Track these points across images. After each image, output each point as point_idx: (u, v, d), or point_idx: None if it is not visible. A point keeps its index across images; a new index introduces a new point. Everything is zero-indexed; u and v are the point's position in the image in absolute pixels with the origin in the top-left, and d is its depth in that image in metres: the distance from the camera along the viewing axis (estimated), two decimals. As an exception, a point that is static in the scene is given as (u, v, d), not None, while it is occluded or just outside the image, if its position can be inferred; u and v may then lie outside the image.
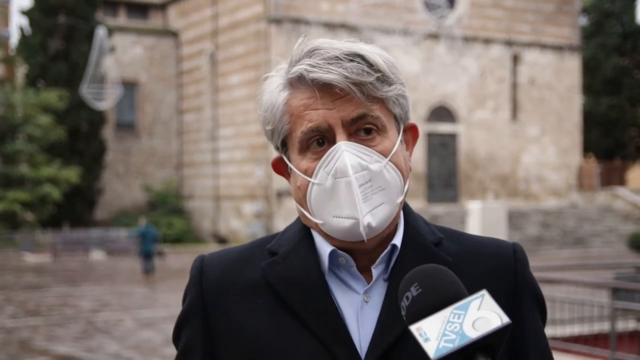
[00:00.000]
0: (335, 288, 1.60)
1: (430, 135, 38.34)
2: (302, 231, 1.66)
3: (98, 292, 21.07)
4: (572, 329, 11.03)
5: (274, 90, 1.63)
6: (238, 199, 38.19)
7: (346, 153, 1.53)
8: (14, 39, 44.23)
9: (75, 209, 38.86)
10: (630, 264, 16.52)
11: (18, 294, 20.97)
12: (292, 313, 1.58)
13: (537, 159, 41.31)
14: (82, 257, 32.92)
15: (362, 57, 1.55)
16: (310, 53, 1.58)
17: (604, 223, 37.30)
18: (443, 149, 38.86)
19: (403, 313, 1.34)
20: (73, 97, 37.04)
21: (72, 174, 35.79)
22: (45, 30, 39.14)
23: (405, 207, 1.68)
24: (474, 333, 1.23)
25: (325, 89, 1.55)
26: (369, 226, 1.53)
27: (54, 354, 12.73)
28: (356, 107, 1.55)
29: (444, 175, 38.92)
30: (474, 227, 20.05)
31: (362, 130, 1.56)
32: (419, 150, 37.71)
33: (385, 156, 1.56)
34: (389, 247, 1.61)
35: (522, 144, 41.01)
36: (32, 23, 39.62)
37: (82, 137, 39.11)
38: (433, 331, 1.25)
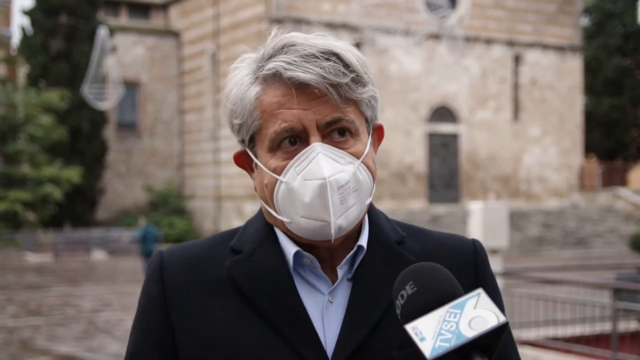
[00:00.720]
0: (300, 288, 1.58)
1: (432, 136, 38.34)
2: (266, 228, 1.64)
3: (99, 292, 21.08)
4: (574, 330, 11.02)
5: (244, 82, 1.60)
6: (239, 199, 38.19)
7: (321, 155, 1.50)
8: (16, 39, 44.20)
9: (76, 209, 38.87)
10: (632, 265, 16.52)
11: (19, 293, 20.97)
12: (258, 312, 1.55)
13: (538, 160, 41.28)
14: (84, 257, 32.94)
15: (337, 56, 1.52)
16: (286, 48, 1.55)
17: (605, 223, 37.28)
18: (444, 149, 38.84)
19: (398, 312, 1.33)
20: (74, 97, 37.04)
21: (73, 174, 35.80)
22: (46, 30, 39.16)
23: (369, 206, 1.65)
24: (470, 332, 1.21)
25: (301, 88, 1.51)
26: (339, 228, 1.51)
27: (55, 354, 12.73)
28: (332, 110, 1.52)
29: (445, 175, 38.90)
30: (475, 227, 20.05)
31: (335, 131, 1.54)
32: (421, 150, 37.71)
33: (358, 158, 1.54)
34: (355, 248, 1.59)
35: (524, 144, 40.99)
36: (34, 23, 39.63)
37: (83, 137, 39.12)
38: (429, 330, 1.24)
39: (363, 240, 1.61)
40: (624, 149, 48.96)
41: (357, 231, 1.61)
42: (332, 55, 1.52)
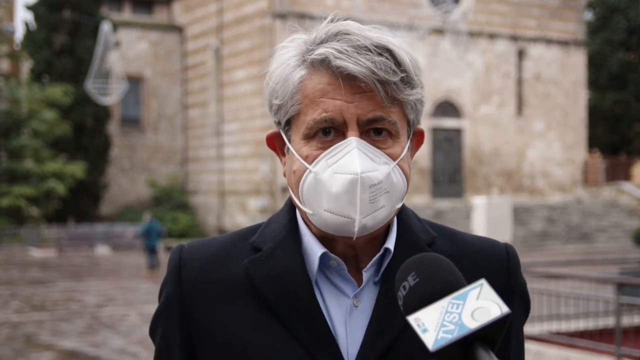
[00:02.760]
0: (325, 290, 1.54)
1: (435, 131, 38.30)
2: (288, 225, 1.59)
3: (103, 287, 21.10)
4: (577, 324, 11.01)
5: (290, 63, 1.54)
6: (243, 194, 38.19)
7: (357, 150, 1.46)
8: (19, 34, 44.28)
9: (80, 204, 38.91)
10: (636, 259, 16.52)
11: (23, 288, 21.00)
12: (275, 315, 1.52)
13: (542, 155, 41.23)
14: (87, 252, 32.98)
15: (390, 53, 1.48)
16: (339, 36, 1.49)
17: (609, 218, 37.24)
18: (448, 144, 38.81)
19: (400, 303, 1.31)
20: (78, 92, 37.08)
21: (77, 169, 35.84)
22: (50, 26, 39.18)
23: None
24: (473, 323, 1.20)
25: (348, 80, 1.46)
26: (363, 227, 1.47)
27: (59, 349, 12.75)
28: (375, 107, 1.47)
29: (449, 170, 38.87)
30: (479, 222, 20.06)
31: (374, 130, 1.49)
32: (424, 145, 37.52)
33: (394, 160, 1.50)
34: (381, 251, 1.55)
35: (527, 139, 40.94)
36: (37, 18, 39.65)
37: (87, 133, 39.16)
38: (431, 322, 1.22)
39: (390, 243, 1.56)
40: (628, 144, 48.91)
41: (384, 232, 1.57)
42: (386, 51, 1.47)
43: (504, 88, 40.38)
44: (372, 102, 1.47)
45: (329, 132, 1.49)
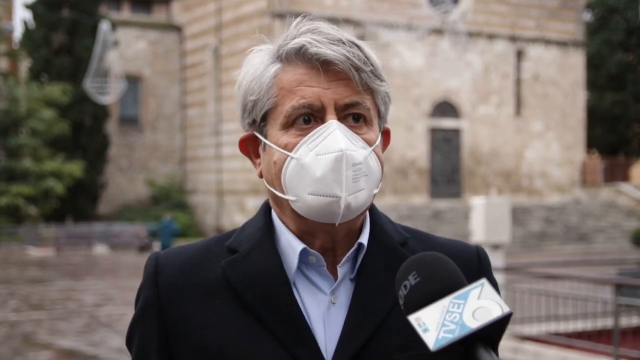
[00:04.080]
0: (303, 288, 1.55)
1: (434, 131, 38.32)
2: (264, 228, 1.60)
3: (101, 286, 21.09)
4: (576, 325, 11.02)
5: (261, 62, 1.59)
6: (241, 193, 38.20)
7: (338, 131, 1.49)
8: (18, 32, 44.21)
9: (78, 203, 38.90)
10: (634, 260, 16.54)
11: (21, 287, 20.99)
12: (254, 314, 1.52)
13: (540, 155, 41.26)
14: (86, 251, 32.95)
15: (359, 47, 1.53)
16: (312, 31, 1.55)
17: (607, 219, 37.27)
18: (446, 144, 38.83)
19: (401, 302, 1.31)
20: (77, 91, 37.06)
21: (75, 168, 35.83)
22: (48, 24, 39.16)
23: (370, 206, 1.62)
24: (474, 323, 1.20)
25: (324, 67, 1.51)
26: (348, 207, 1.48)
27: (57, 348, 12.74)
28: (351, 92, 1.52)
29: (447, 170, 38.88)
30: (477, 222, 20.05)
31: (351, 116, 1.53)
32: (423, 146, 37.70)
33: (370, 145, 1.53)
34: (355, 246, 1.57)
35: (526, 139, 40.96)
36: (36, 17, 39.64)
37: (85, 132, 39.15)
38: (432, 321, 1.22)
39: (364, 238, 1.58)
40: (626, 145, 48.94)
41: (358, 228, 1.59)
42: (354, 45, 1.53)
43: (502, 88, 40.40)
44: (348, 87, 1.52)
45: (309, 120, 1.52)
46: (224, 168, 39.88)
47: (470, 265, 1.65)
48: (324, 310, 1.54)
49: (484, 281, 1.26)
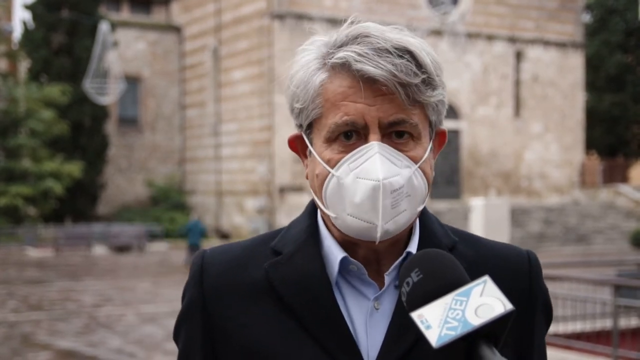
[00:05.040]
0: (346, 293, 1.54)
1: (433, 132, 38.29)
2: (309, 229, 1.59)
3: (100, 286, 21.08)
4: (575, 326, 11.02)
5: (310, 67, 1.53)
6: (240, 194, 38.19)
7: (378, 155, 1.45)
8: (17, 33, 44.18)
9: (77, 204, 38.89)
10: (633, 261, 16.52)
11: (20, 288, 20.98)
12: (296, 318, 1.52)
13: (539, 156, 41.27)
14: (85, 252, 32.94)
15: (411, 54, 1.47)
16: (359, 38, 1.49)
17: (606, 220, 37.27)
18: (446, 146, 38.42)
19: (404, 299, 1.31)
20: (76, 91, 37.04)
21: (74, 168, 35.81)
22: (48, 25, 39.15)
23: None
24: (476, 320, 1.20)
25: (369, 83, 1.46)
26: (386, 232, 1.47)
27: (56, 349, 12.74)
28: (397, 109, 1.47)
29: (447, 171, 38.89)
30: (476, 223, 20.05)
31: (395, 133, 1.49)
32: (422, 147, 37.65)
33: (416, 163, 1.50)
34: (403, 255, 1.55)
35: (525, 140, 40.97)
36: (35, 17, 39.61)
37: (84, 132, 39.13)
38: (435, 318, 1.22)
39: (413, 247, 1.56)
40: (625, 146, 48.96)
41: (406, 236, 1.57)
42: (407, 53, 1.47)
43: (501, 89, 40.42)
44: (394, 104, 1.47)
45: (351, 136, 1.49)
46: (223, 169, 39.88)
47: (521, 269, 1.64)
48: (367, 316, 1.53)
49: (486, 278, 1.26)
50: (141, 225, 35.61)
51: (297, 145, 1.61)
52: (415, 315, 1.25)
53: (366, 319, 1.53)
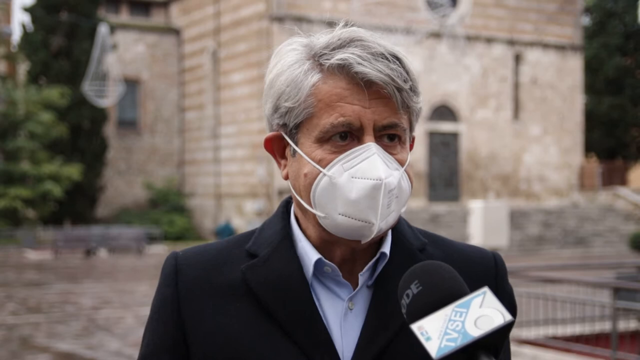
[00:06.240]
0: (321, 294, 1.56)
1: (432, 134, 38.33)
2: (283, 231, 1.61)
3: (99, 289, 21.07)
4: (574, 329, 11.02)
5: (298, 66, 1.53)
6: (239, 196, 38.19)
7: (377, 156, 1.48)
8: (16, 35, 44.19)
9: (76, 206, 38.86)
10: (632, 264, 16.52)
11: (19, 290, 20.97)
12: (273, 319, 1.53)
13: (538, 159, 41.28)
14: (84, 254, 32.91)
15: (400, 61, 1.50)
16: (355, 42, 1.51)
17: (605, 223, 37.28)
18: (445, 148, 38.84)
19: (403, 311, 1.32)
20: (75, 94, 37.05)
21: (73, 171, 35.80)
22: (47, 27, 39.14)
23: None
24: (476, 331, 1.21)
25: (367, 86, 1.48)
26: (379, 231, 1.49)
27: (55, 351, 12.73)
28: (390, 113, 1.50)
29: (446, 174, 38.90)
30: (475, 226, 20.06)
31: (386, 135, 1.51)
32: (421, 149, 37.69)
33: (402, 166, 1.53)
34: (377, 255, 1.57)
35: (524, 143, 40.98)
36: (34, 20, 39.61)
37: (83, 135, 39.12)
38: (435, 330, 1.23)
39: (386, 247, 1.58)
40: (624, 149, 48.96)
41: (380, 237, 1.57)
42: (397, 59, 1.50)
43: (500, 92, 40.44)
44: (388, 108, 1.50)
45: (345, 137, 1.50)
46: (222, 171, 39.88)
47: (487, 271, 1.66)
48: (341, 317, 1.54)
49: (486, 289, 1.27)
50: (140, 228, 35.61)
51: (274, 145, 1.60)
52: (415, 327, 1.25)
53: (341, 320, 1.54)
